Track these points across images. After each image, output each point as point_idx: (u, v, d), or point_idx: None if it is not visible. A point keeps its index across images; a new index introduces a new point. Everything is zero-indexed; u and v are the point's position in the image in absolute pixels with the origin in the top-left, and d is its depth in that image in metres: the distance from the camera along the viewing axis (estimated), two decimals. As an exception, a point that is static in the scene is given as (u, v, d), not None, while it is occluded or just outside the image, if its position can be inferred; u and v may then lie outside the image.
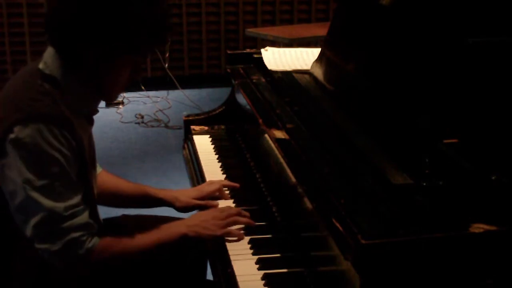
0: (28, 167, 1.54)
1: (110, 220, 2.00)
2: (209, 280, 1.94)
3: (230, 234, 1.71)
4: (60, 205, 1.57)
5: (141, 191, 2.02)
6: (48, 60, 1.65)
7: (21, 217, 1.59)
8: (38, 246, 1.59)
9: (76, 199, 1.60)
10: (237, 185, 2.02)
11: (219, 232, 1.71)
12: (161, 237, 1.71)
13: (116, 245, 1.67)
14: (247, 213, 1.79)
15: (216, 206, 1.92)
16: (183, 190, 2.06)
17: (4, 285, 1.71)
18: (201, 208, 1.95)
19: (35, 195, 1.55)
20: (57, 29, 1.61)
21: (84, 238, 1.61)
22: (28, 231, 1.58)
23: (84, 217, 1.61)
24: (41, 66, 1.65)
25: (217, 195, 1.99)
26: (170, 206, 2.00)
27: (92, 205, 1.71)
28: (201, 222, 1.74)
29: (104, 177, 2.00)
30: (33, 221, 1.56)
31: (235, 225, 1.74)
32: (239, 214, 1.77)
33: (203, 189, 2.01)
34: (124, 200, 2.02)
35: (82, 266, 1.63)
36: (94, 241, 1.62)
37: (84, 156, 1.65)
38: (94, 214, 1.74)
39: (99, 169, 1.98)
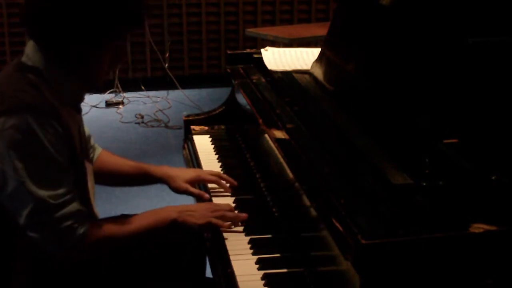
0: (16, 157, 1.55)
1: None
2: (208, 278, 1.94)
3: (211, 223, 1.75)
4: (50, 194, 1.57)
5: (139, 170, 2.07)
6: (29, 52, 1.65)
7: (12, 207, 1.60)
8: (30, 234, 1.60)
9: (67, 187, 1.61)
10: (234, 182, 2.04)
11: (201, 220, 1.76)
12: (151, 221, 1.75)
13: (107, 229, 1.70)
14: (236, 213, 1.82)
15: (206, 198, 1.96)
16: (182, 170, 2.13)
17: (4, 285, 1.71)
18: (198, 199, 1.99)
19: (26, 184, 1.55)
20: (39, 24, 1.61)
21: (76, 225, 1.62)
22: (21, 220, 1.59)
23: (75, 205, 1.62)
24: (23, 59, 1.65)
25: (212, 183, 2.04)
26: (166, 184, 2.06)
27: (87, 197, 1.72)
28: (190, 211, 1.79)
29: (104, 157, 2.04)
30: (25, 211, 1.57)
31: (222, 219, 1.77)
32: (230, 211, 1.81)
33: (201, 174, 2.07)
34: (124, 179, 2.08)
35: (76, 252, 1.65)
36: (85, 227, 1.63)
37: (73, 145, 1.65)
38: (88, 207, 1.74)
39: (99, 150, 2.04)
